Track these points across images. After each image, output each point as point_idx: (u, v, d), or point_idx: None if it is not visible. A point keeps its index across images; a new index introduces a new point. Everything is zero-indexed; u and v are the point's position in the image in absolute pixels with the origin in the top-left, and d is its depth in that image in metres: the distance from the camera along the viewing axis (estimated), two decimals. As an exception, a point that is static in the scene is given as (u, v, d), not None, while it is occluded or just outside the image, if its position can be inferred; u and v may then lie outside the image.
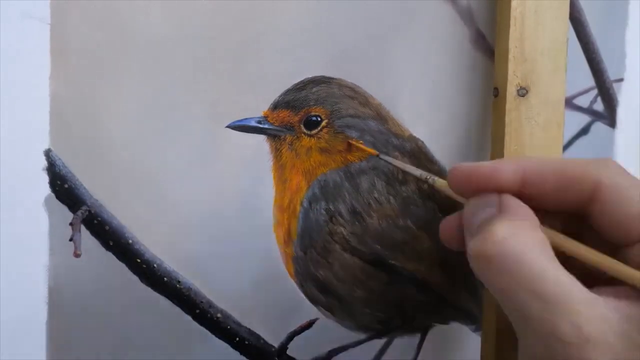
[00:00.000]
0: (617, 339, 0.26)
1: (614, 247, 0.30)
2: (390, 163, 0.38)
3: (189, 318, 0.38)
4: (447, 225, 0.35)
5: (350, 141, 0.39)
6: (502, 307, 0.28)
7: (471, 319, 0.44)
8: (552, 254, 0.28)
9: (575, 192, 0.30)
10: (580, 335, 0.25)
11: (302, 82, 0.39)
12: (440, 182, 0.35)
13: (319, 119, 0.39)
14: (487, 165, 0.32)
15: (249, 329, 0.39)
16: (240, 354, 0.39)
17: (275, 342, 0.40)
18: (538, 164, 0.31)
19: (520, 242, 0.28)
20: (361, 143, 0.39)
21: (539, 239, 0.28)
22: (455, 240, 0.34)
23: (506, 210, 0.30)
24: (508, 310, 0.28)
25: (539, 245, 0.28)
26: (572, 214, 0.31)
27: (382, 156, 0.38)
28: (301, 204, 0.39)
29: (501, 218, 0.29)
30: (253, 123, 0.39)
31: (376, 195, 0.40)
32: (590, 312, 0.26)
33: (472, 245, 0.29)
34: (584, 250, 0.30)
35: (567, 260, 0.29)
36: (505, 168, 0.31)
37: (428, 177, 0.36)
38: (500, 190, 0.31)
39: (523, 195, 0.31)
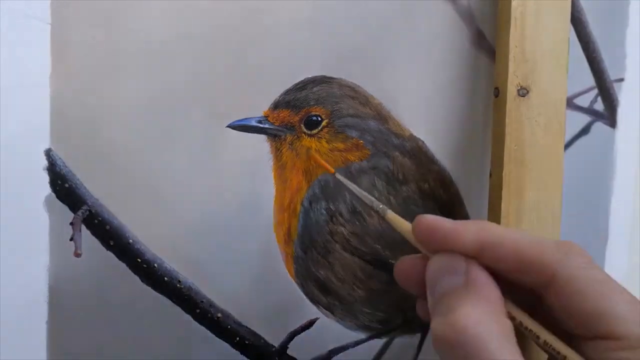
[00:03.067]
0: None
1: (570, 334, 0.29)
2: (346, 185, 0.36)
3: (189, 318, 0.38)
4: (405, 267, 0.33)
5: (312, 154, 0.39)
6: None
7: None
8: (513, 341, 0.28)
9: (531, 277, 0.30)
10: None
11: (302, 82, 0.39)
12: (390, 216, 0.34)
13: (319, 119, 0.39)
14: (450, 225, 0.31)
15: (249, 329, 0.39)
16: (241, 353, 0.39)
17: (275, 341, 0.40)
18: (497, 238, 0.30)
19: (482, 331, 0.27)
20: (321, 160, 0.38)
21: (502, 326, 0.28)
22: (413, 286, 0.33)
23: (472, 286, 0.29)
24: None
25: (501, 333, 0.27)
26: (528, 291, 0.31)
27: (337, 176, 0.36)
28: (302, 204, 0.39)
29: (465, 300, 0.29)
30: (253, 123, 0.39)
31: (376, 194, 0.40)
32: None
33: (435, 327, 0.28)
34: (545, 336, 0.29)
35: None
36: (467, 233, 0.30)
37: (379, 207, 0.34)
38: (458, 252, 0.31)
39: (480, 262, 0.30)
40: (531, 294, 0.31)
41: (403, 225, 0.33)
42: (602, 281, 0.29)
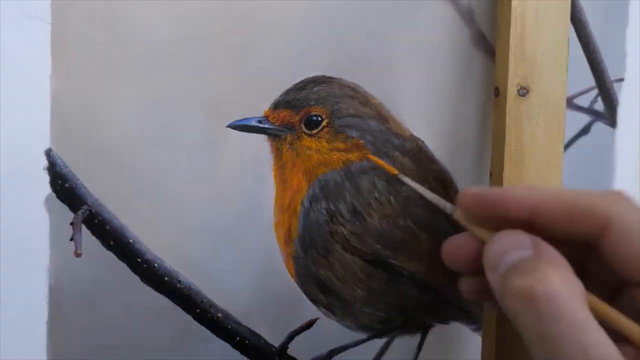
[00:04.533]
0: None
1: (622, 283, 0.30)
2: (408, 185, 0.37)
3: (189, 318, 0.38)
4: (454, 246, 0.34)
5: (370, 157, 0.39)
6: (530, 349, 0.28)
7: (471, 318, 0.44)
8: (587, 305, 0.28)
9: (585, 227, 0.30)
10: None
11: (302, 81, 0.39)
12: (459, 214, 0.34)
13: (319, 119, 0.39)
14: (496, 192, 0.31)
15: (250, 329, 0.39)
16: (241, 353, 0.39)
17: (275, 341, 0.40)
18: (548, 194, 0.31)
19: (566, 290, 0.27)
20: (383, 161, 0.39)
21: (581, 291, 0.28)
22: (463, 263, 0.33)
23: (544, 255, 0.29)
24: (540, 355, 0.27)
25: (582, 297, 0.28)
26: (580, 246, 0.31)
27: (400, 176, 0.37)
28: (302, 204, 0.39)
29: (543, 264, 0.29)
30: (254, 123, 0.39)
31: (377, 194, 0.40)
32: None
33: (517, 282, 0.28)
34: (615, 315, 0.29)
35: None
36: (515, 196, 0.31)
37: (447, 207, 0.35)
38: (509, 217, 0.31)
39: (532, 224, 0.31)
40: (580, 255, 0.31)
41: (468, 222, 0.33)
42: None
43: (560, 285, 0.27)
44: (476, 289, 0.34)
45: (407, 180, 0.37)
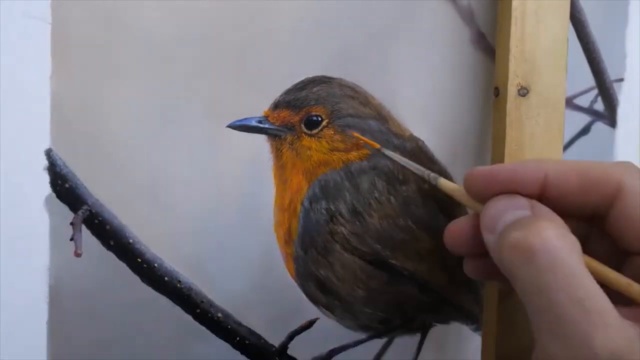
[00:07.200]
0: None
1: (626, 254, 0.30)
2: (391, 158, 0.38)
3: (189, 318, 0.38)
4: (456, 228, 0.34)
5: (353, 134, 0.39)
6: (525, 302, 0.28)
7: (471, 318, 0.44)
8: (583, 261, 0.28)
9: (597, 195, 0.30)
10: (612, 351, 0.25)
11: (302, 81, 0.39)
12: (442, 182, 0.35)
13: (319, 119, 0.39)
14: (506, 168, 0.31)
15: (250, 329, 0.39)
16: (241, 353, 0.39)
17: (275, 341, 0.40)
18: (561, 165, 0.31)
19: (564, 244, 0.27)
20: (364, 137, 0.39)
21: (578, 247, 0.28)
22: (463, 244, 0.33)
23: (540, 214, 0.29)
24: (535, 307, 0.27)
25: (578, 252, 0.28)
26: (585, 218, 0.31)
27: (382, 149, 0.38)
28: (302, 204, 0.39)
29: (540, 220, 0.29)
30: (254, 123, 0.39)
31: (377, 194, 0.40)
32: (622, 332, 0.26)
33: (514, 235, 0.28)
34: (610, 273, 0.29)
35: None
36: (526, 170, 0.31)
37: (430, 175, 0.36)
38: (520, 193, 0.31)
39: (543, 199, 0.31)
40: (583, 230, 0.31)
41: (457, 189, 0.33)
42: None
43: (556, 239, 0.27)
44: (480, 269, 0.34)
45: (390, 153, 0.38)
